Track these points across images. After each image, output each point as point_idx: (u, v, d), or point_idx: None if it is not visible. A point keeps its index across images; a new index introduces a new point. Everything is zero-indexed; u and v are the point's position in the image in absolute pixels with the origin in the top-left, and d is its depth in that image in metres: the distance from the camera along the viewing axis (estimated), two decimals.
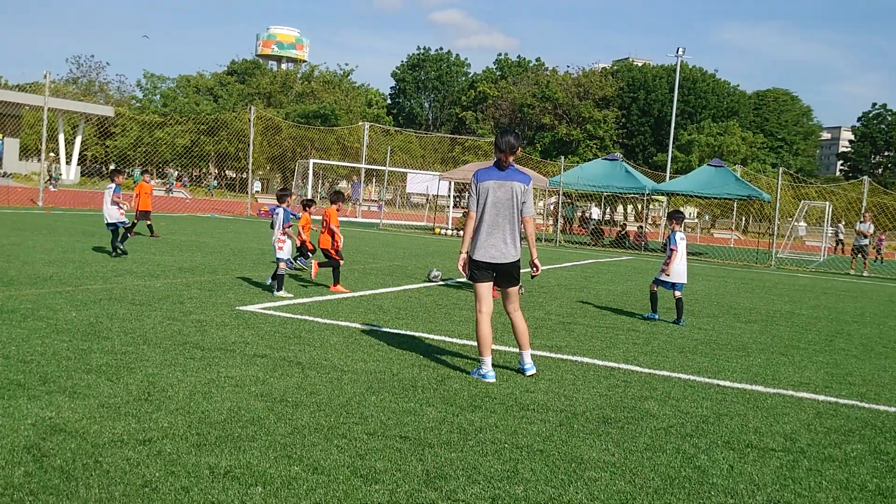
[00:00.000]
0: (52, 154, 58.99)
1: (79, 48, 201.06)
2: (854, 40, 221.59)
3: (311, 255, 13.57)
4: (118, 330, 7.26)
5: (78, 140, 61.57)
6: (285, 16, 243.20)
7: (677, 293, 10.78)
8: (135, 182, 17.14)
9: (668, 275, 10.69)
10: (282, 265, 10.66)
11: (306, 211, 13.38)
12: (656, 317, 10.85)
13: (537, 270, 6.83)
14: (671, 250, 10.68)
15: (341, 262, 11.70)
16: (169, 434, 4.52)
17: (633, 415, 5.73)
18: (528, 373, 6.73)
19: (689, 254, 29.18)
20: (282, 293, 10.41)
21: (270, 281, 10.93)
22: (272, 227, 11.05)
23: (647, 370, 7.32)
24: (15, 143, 57.59)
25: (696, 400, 6.33)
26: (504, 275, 6.62)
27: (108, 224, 13.90)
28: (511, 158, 6.58)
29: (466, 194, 6.71)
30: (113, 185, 14.29)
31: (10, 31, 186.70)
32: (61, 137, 60.47)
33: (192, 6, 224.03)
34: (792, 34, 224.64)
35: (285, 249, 10.81)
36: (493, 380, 6.43)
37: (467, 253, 6.62)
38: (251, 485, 3.89)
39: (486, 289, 6.61)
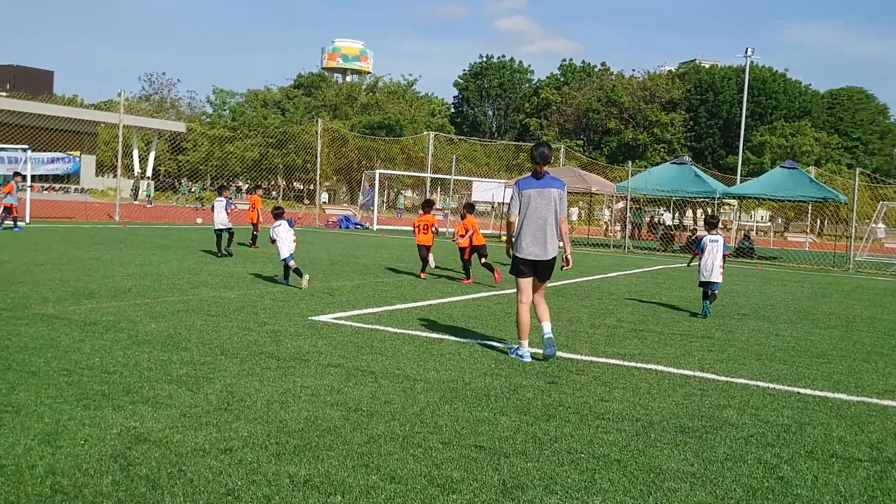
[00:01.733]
0: (140, 171, 60.77)
1: (150, 65, 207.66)
2: None
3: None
4: (196, 341, 7.44)
5: (152, 156, 63.32)
6: (350, 28, 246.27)
7: (713, 290, 11.65)
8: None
9: (700, 275, 11.65)
10: (291, 262, 12.51)
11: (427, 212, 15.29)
12: (707, 312, 11.43)
13: (568, 265, 7.78)
14: (693, 251, 12.11)
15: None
16: (249, 443, 4.60)
17: (712, 424, 5.62)
18: (546, 335, 7.45)
19: (762, 258, 28.44)
20: (304, 280, 12.06)
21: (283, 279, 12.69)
22: (273, 241, 12.83)
23: (723, 378, 7.18)
24: (91, 160, 59.51)
25: (777, 408, 6.17)
26: (543, 269, 7.54)
27: (218, 230, 16.86)
28: (545, 168, 7.50)
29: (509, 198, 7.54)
30: (223, 199, 17.23)
31: (84, 50, 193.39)
32: (135, 153, 62.29)
33: (259, 22, 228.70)
34: (865, 30, 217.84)
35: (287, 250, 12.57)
36: (529, 359, 7.40)
37: (513, 252, 7.58)
38: (331, 493, 3.93)
39: (527, 283, 7.56)
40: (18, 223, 21.96)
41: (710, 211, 47.49)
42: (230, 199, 17.37)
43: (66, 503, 3.67)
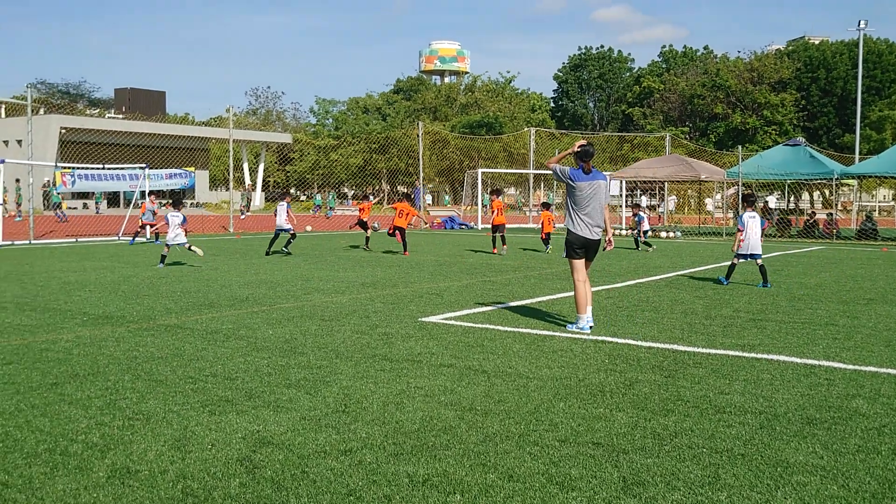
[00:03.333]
0: (249, 183, 62.85)
1: (255, 80, 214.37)
2: None
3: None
4: (312, 345, 7.62)
5: (261, 168, 65.34)
6: (446, 29, 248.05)
7: (758, 262, 12.94)
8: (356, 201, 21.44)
9: (740, 248, 12.93)
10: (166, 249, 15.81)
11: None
12: (725, 282, 13.00)
13: (610, 245, 9.24)
14: (738, 230, 13.18)
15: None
16: (367, 444, 4.68)
17: (840, 414, 5.37)
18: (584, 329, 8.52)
19: (887, 239, 27.08)
20: (161, 266, 15.31)
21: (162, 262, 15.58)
22: (143, 221, 17.36)
23: (851, 366, 6.85)
24: (204, 174, 61.88)
25: None
26: (593, 249, 8.76)
27: (283, 229, 18.85)
28: (591, 164, 8.73)
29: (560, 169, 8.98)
30: (284, 204, 18.95)
31: (193, 69, 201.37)
32: (245, 166, 64.42)
33: (357, 30, 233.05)
34: None
35: (181, 237, 15.76)
36: (590, 330, 8.48)
37: (569, 233, 8.73)
38: (450, 493, 3.96)
39: (581, 264, 8.69)
40: (139, 238, 23.20)
41: (826, 193, 45.50)
42: (290, 203, 19.35)
43: None
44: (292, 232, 19.00)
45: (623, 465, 4.37)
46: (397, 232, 19.42)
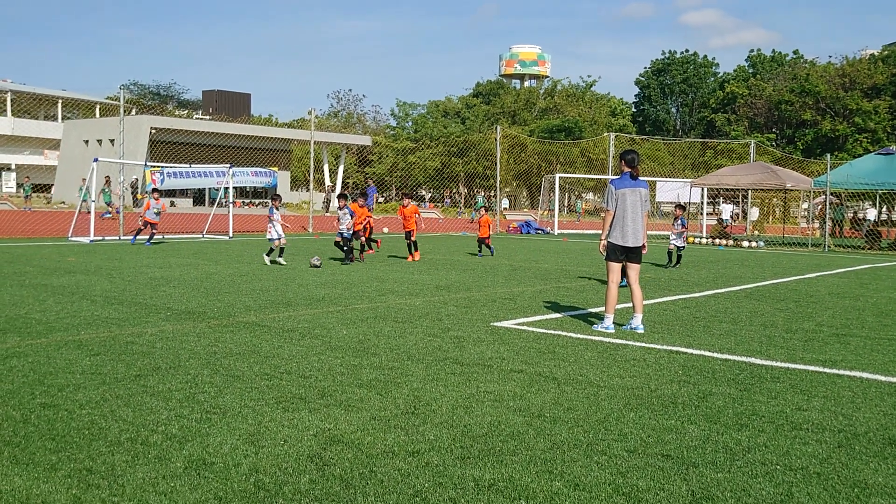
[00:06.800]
0: (329, 184, 63.88)
1: (338, 83, 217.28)
2: None
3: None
4: (384, 346, 7.71)
5: (341, 169, 66.32)
6: (528, 33, 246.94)
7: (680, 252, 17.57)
8: (476, 210, 21.55)
9: (685, 241, 17.87)
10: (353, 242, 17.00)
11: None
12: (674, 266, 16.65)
13: (645, 249, 9.08)
14: (684, 228, 17.86)
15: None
16: (435, 446, 4.72)
17: None
18: (639, 331, 8.82)
19: None
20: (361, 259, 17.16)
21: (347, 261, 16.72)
22: (339, 221, 17.25)
23: None
24: (286, 175, 63.11)
25: None
26: (634, 254, 8.96)
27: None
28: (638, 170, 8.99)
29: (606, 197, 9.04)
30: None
31: (277, 72, 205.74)
32: (326, 168, 65.46)
33: (439, 34, 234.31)
34: None
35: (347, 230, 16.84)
36: (613, 331, 8.81)
37: (608, 239, 8.95)
38: (515, 498, 3.96)
39: (618, 267, 8.99)
40: (152, 240, 21.88)
41: None
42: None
43: (268, 500, 3.92)
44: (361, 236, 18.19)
45: (692, 478, 4.30)
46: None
